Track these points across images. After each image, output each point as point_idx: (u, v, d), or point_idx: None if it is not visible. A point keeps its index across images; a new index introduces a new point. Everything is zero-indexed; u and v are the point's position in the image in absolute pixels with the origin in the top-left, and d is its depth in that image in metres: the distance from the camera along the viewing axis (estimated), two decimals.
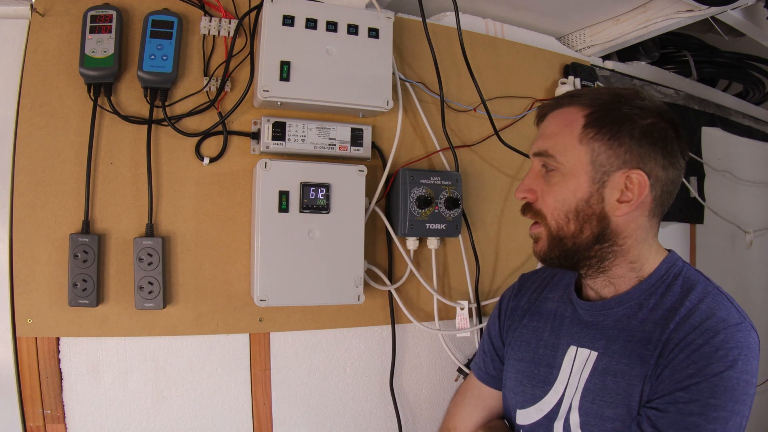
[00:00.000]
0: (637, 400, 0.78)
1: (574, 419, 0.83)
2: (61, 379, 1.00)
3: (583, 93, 0.87)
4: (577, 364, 0.86)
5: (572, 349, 0.88)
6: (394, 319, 1.25)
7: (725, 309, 0.78)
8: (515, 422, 0.95)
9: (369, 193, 1.18)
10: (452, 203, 1.21)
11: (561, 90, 1.45)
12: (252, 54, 1.10)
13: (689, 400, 0.72)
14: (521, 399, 0.94)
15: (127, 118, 1.03)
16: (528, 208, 0.89)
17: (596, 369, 0.83)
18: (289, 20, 1.06)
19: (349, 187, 1.11)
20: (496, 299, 1.37)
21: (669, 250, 0.88)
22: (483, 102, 1.30)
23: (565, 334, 0.91)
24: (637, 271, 0.85)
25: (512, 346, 0.99)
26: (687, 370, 0.74)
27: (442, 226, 1.22)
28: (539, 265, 1.22)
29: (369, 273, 1.20)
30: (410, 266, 1.23)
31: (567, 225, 0.83)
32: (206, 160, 1.09)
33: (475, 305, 1.33)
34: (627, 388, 0.79)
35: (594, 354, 0.85)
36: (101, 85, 1.00)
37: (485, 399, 1.04)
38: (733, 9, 1.31)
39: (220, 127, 1.10)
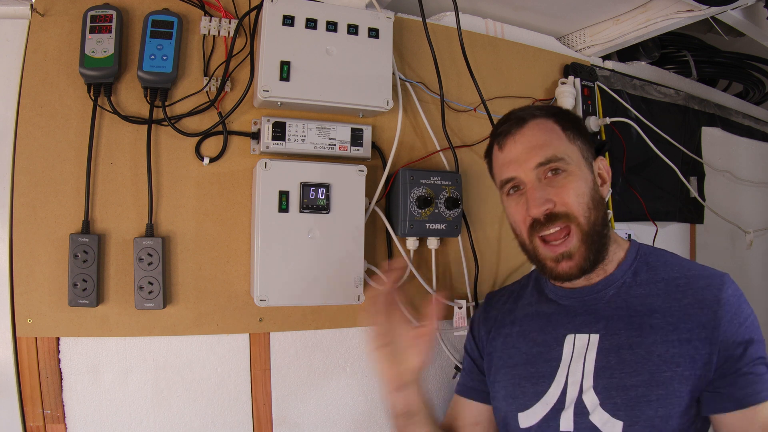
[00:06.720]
0: (658, 363, 0.82)
1: (591, 400, 0.84)
2: (61, 379, 1.00)
3: (525, 109, 0.97)
4: (578, 350, 0.88)
5: (570, 337, 0.90)
6: None
7: (701, 267, 0.91)
8: (519, 427, 0.93)
9: (369, 193, 1.18)
10: (452, 203, 1.21)
11: (561, 90, 1.44)
12: (252, 54, 1.10)
13: (758, 341, 0.82)
14: (522, 401, 0.93)
15: (127, 118, 1.03)
16: (553, 218, 0.87)
17: (604, 348, 0.86)
18: (289, 20, 1.06)
19: (349, 187, 1.11)
20: None
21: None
22: (483, 102, 1.30)
23: (554, 328, 0.93)
24: (617, 252, 0.94)
25: (499, 356, 1.00)
26: (733, 324, 0.83)
27: (442, 226, 1.22)
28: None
29: (369, 273, 1.20)
30: (410, 266, 1.24)
31: (590, 215, 0.88)
32: (206, 160, 1.09)
33: (473, 304, 1.33)
34: (646, 356, 0.83)
35: (595, 336, 0.87)
36: (101, 85, 1.00)
37: (476, 415, 1.05)
38: (733, 9, 1.32)
39: (220, 127, 1.10)
